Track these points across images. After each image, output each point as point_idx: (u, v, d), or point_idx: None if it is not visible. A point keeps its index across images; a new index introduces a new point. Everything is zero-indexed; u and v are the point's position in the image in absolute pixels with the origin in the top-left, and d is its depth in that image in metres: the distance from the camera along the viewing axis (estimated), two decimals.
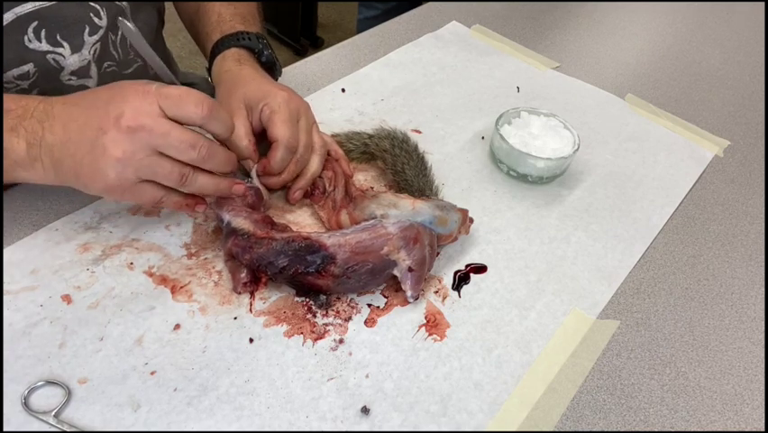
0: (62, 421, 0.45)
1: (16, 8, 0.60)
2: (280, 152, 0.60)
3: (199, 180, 0.52)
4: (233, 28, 0.71)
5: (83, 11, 0.65)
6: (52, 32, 0.63)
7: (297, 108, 0.62)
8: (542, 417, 0.51)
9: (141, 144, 0.48)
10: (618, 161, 0.80)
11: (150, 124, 0.48)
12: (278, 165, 0.60)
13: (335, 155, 0.68)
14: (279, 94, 0.62)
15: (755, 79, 1.04)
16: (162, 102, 0.49)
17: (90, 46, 0.67)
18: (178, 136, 0.49)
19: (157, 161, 0.49)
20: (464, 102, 0.86)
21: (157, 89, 0.49)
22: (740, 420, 0.54)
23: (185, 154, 0.50)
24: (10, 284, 0.53)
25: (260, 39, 0.71)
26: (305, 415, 0.48)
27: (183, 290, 0.55)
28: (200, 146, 0.50)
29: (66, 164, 0.50)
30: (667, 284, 0.65)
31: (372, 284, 0.57)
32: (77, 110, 0.50)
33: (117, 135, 0.48)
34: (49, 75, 0.65)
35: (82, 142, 0.49)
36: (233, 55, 0.69)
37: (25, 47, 0.62)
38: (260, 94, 0.62)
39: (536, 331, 0.57)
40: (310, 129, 0.64)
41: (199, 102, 0.49)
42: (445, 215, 0.59)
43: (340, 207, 0.61)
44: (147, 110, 0.48)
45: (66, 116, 0.50)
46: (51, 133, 0.50)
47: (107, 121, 0.48)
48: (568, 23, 1.10)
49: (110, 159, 0.48)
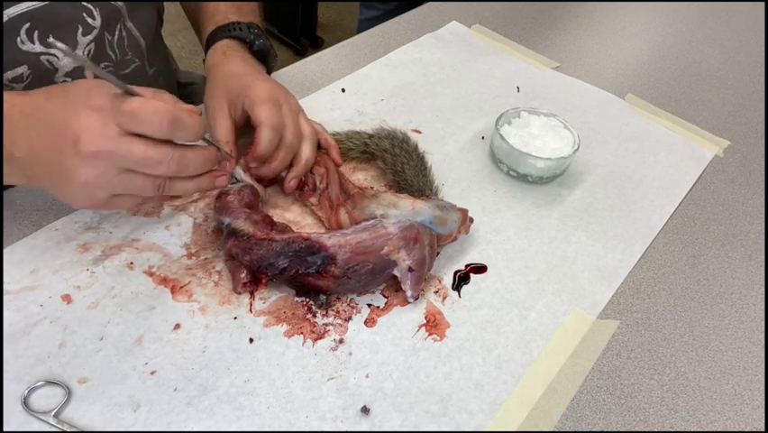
0: (62, 421, 0.45)
1: (9, 10, 0.59)
2: (265, 133, 0.58)
3: (177, 186, 0.51)
4: (225, 19, 0.71)
5: (75, 11, 0.64)
6: (45, 33, 0.62)
7: (278, 95, 0.62)
8: (542, 417, 0.51)
9: (105, 167, 0.46)
10: (618, 161, 0.80)
11: (109, 146, 0.45)
12: (266, 147, 0.59)
13: (326, 144, 0.67)
14: (260, 85, 0.61)
15: (755, 79, 1.04)
16: (119, 119, 0.45)
17: (84, 46, 0.66)
18: (141, 154, 0.46)
19: (127, 179, 0.47)
20: (464, 102, 0.86)
21: (112, 105, 0.45)
22: (740, 420, 0.54)
23: (154, 170, 0.48)
24: (10, 284, 0.53)
25: (251, 28, 0.70)
26: (305, 415, 0.48)
27: (183, 290, 0.55)
28: (168, 160, 0.47)
29: (39, 182, 0.49)
30: (667, 284, 0.65)
31: (372, 284, 0.57)
32: (35, 124, 0.47)
33: (78, 161, 0.45)
34: (43, 77, 0.64)
35: (49, 164, 0.47)
36: (221, 48, 0.68)
37: (18, 49, 0.61)
38: (241, 87, 0.61)
39: (536, 331, 0.57)
40: (296, 116, 0.63)
41: (157, 114, 0.45)
42: (445, 215, 0.59)
43: (337, 205, 0.61)
44: (102, 132, 0.45)
45: (26, 129, 0.47)
46: (18, 149, 0.47)
47: (66, 145, 0.45)
48: (568, 23, 1.10)
49: (76, 184, 0.47)
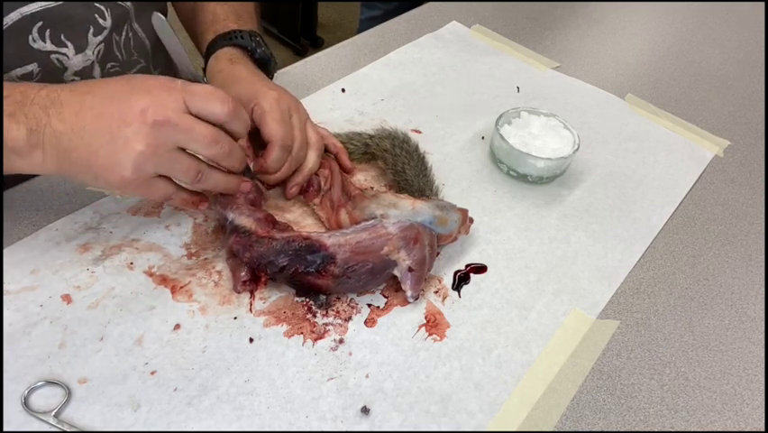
0: (62, 421, 0.45)
1: (22, 8, 0.60)
2: (276, 152, 0.60)
3: (212, 177, 0.53)
4: (226, 27, 0.71)
5: (88, 11, 0.65)
6: (57, 32, 0.63)
7: (288, 106, 0.62)
8: (542, 417, 0.51)
9: (165, 139, 0.48)
10: (618, 161, 0.80)
11: (176, 118, 0.48)
12: (275, 164, 0.60)
13: (334, 149, 0.67)
14: (269, 93, 0.62)
15: (755, 79, 1.04)
16: (188, 98, 0.49)
17: (94, 47, 0.67)
18: (201, 131, 0.49)
19: (177, 156, 0.50)
20: (464, 102, 0.86)
21: (182, 85, 0.49)
22: (740, 420, 0.54)
23: (209, 149, 0.50)
24: (10, 284, 0.53)
25: (252, 37, 0.70)
26: (305, 415, 0.48)
27: (183, 290, 0.55)
28: (222, 141, 0.51)
29: (76, 154, 0.48)
30: (667, 284, 0.65)
31: (372, 284, 0.57)
32: (91, 99, 0.48)
33: (141, 128, 0.47)
34: (52, 75, 0.65)
35: (99, 133, 0.47)
36: (225, 55, 0.68)
37: (30, 47, 0.62)
38: (251, 93, 0.62)
39: (536, 331, 0.57)
40: (304, 126, 0.63)
41: (225, 100, 0.50)
42: (445, 215, 0.59)
43: (338, 205, 0.61)
44: (172, 105, 0.48)
45: (77, 104, 0.48)
46: (60, 120, 0.47)
47: (130, 113, 0.47)
48: (568, 23, 1.10)
49: (132, 151, 0.47)
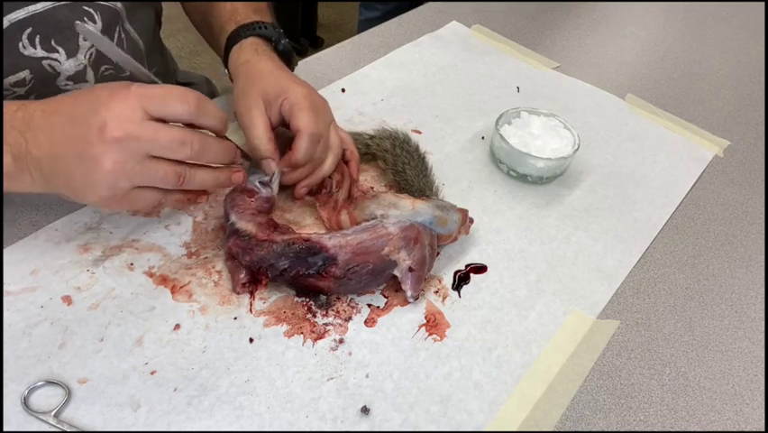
0: (62, 421, 0.45)
1: (10, 15, 0.59)
2: (305, 142, 0.58)
3: (198, 176, 0.51)
4: (248, 18, 0.70)
5: (77, 15, 0.64)
6: (47, 38, 0.62)
7: (316, 104, 0.62)
8: (542, 417, 0.51)
9: (131, 152, 0.47)
10: (618, 161, 0.80)
11: (136, 130, 0.46)
12: (303, 156, 0.59)
13: (349, 156, 0.67)
14: (299, 89, 0.61)
15: (755, 79, 1.04)
16: (145, 103, 0.47)
17: (86, 50, 0.66)
18: (165, 136, 0.47)
19: (151, 166, 0.48)
20: (464, 102, 0.86)
21: (137, 90, 0.47)
22: (740, 420, 0.54)
23: (177, 153, 0.48)
24: (10, 285, 0.53)
25: (275, 28, 0.70)
26: (305, 415, 0.48)
27: (183, 290, 0.55)
28: (191, 141, 0.48)
29: (56, 179, 0.48)
30: (667, 284, 0.65)
31: (373, 284, 0.57)
32: (59, 120, 0.48)
33: (104, 147, 0.46)
34: (45, 81, 0.64)
35: (70, 157, 0.47)
36: (250, 45, 0.67)
37: (20, 54, 0.61)
38: (279, 88, 0.61)
39: (536, 331, 0.57)
40: (327, 127, 0.62)
41: (184, 98, 0.48)
42: (445, 215, 0.59)
43: (341, 207, 0.61)
44: (129, 116, 0.46)
45: (48, 128, 0.48)
46: (36, 146, 0.47)
47: (91, 132, 0.46)
48: (568, 23, 1.10)
49: (101, 171, 0.46)
